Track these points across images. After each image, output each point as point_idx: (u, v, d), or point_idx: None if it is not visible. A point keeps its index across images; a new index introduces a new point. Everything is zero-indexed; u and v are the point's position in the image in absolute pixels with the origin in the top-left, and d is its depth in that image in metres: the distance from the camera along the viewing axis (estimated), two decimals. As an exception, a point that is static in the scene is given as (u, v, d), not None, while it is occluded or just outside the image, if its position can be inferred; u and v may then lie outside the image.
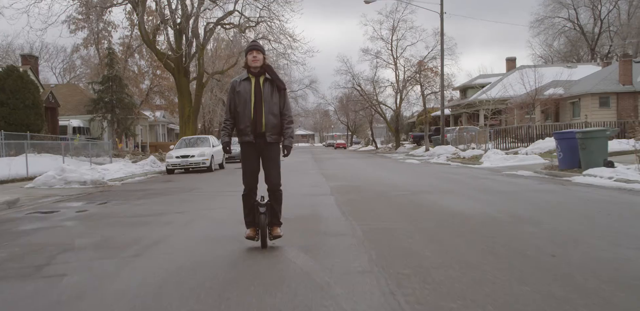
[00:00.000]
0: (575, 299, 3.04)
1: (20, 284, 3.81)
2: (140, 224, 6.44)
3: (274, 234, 4.73)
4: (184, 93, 26.72)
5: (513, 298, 3.08)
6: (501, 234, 5.12)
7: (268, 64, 4.80)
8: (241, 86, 4.70)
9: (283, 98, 4.75)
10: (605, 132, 12.47)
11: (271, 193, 4.76)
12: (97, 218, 7.21)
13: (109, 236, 5.64)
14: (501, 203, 7.58)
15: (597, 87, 26.86)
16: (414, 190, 9.79)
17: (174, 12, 26.21)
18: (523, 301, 3.01)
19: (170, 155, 17.92)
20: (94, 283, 3.72)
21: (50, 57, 56.10)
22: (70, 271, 4.11)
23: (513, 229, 5.42)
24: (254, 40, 5.52)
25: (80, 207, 8.60)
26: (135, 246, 5.01)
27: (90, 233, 5.93)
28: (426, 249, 4.49)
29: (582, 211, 6.70)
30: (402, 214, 6.65)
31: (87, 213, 7.78)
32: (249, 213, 4.73)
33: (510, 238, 4.91)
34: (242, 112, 4.65)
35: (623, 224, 5.63)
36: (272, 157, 4.73)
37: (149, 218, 7.05)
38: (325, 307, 3.01)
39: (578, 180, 11.16)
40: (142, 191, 11.32)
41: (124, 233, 5.84)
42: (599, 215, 6.29)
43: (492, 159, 18.29)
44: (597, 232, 5.15)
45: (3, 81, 22.98)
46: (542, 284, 3.35)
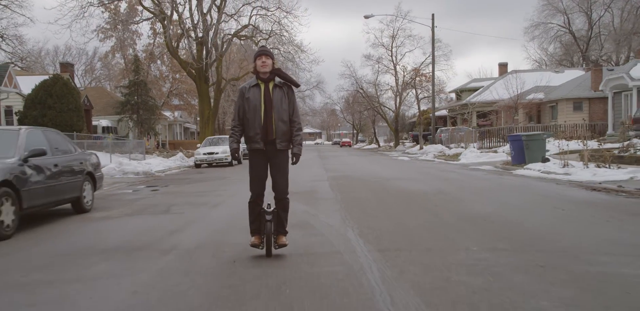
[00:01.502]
0: (440, 223, 6.77)
1: (162, 216, 7.59)
2: (202, 196, 10.23)
3: (279, 243, 4.71)
4: (204, 97, 30.57)
5: (403, 219, 6.80)
6: (421, 199, 8.84)
7: (278, 67, 4.81)
8: (250, 92, 4.69)
9: (292, 105, 4.76)
10: (543, 135, 16.14)
11: (278, 201, 4.77)
12: (171, 193, 11.02)
13: (189, 201, 9.43)
14: (441, 185, 11.28)
15: (572, 93, 30.38)
16: (389, 178, 13.51)
17: (196, 26, 30.02)
18: (410, 220, 6.75)
19: (198, 152, 21.78)
20: (200, 216, 7.48)
21: (73, 60, 60.03)
22: (185, 211, 7.89)
23: (431, 197, 9.12)
24: (263, 45, 5.04)
25: (150, 188, 12.42)
26: (208, 204, 8.79)
27: (176, 199, 9.72)
28: (373, 204, 8.24)
29: (487, 189, 10.40)
30: (370, 191, 10.37)
31: (160, 191, 11.60)
32: (254, 220, 4.74)
33: (425, 201, 8.62)
34: (251, 119, 4.65)
35: (502, 195, 9.33)
36: (280, 164, 4.75)
37: (205, 193, 10.84)
38: (314, 220, 6.74)
39: (518, 172, 14.80)
40: (186, 179, 15.15)
41: (196, 199, 9.63)
42: (493, 191, 9.99)
43: (468, 157, 21.94)
44: (481, 198, 8.85)
45: (51, 87, 26.90)
46: (424, 217, 7.08)
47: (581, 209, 7.37)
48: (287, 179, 4.81)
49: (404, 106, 45.84)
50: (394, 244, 5.14)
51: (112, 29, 35.88)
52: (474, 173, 15.28)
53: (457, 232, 5.72)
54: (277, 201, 4.77)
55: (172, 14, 29.80)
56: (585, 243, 5.02)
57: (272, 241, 4.69)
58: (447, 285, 3.69)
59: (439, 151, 27.49)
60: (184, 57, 32.97)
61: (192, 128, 55.38)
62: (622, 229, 5.78)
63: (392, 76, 41.39)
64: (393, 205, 8.14)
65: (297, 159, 4.75)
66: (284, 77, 4.75)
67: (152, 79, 39.68)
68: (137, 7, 34.04)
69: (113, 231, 6.52)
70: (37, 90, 26.69)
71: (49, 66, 53.79)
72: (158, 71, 40.77)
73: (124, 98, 36.15)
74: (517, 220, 6.49)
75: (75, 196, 7.77)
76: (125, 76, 38.80)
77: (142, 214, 7.85)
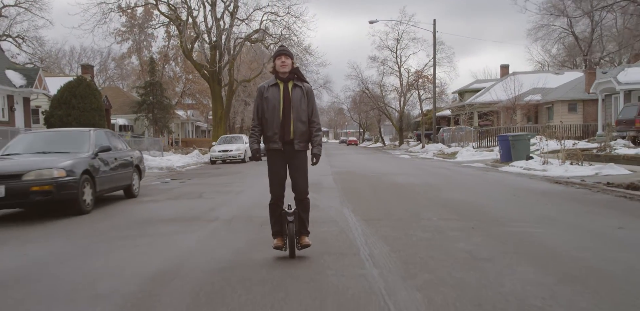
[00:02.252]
0: (416, 205, 8.72)
1: (198, 200, 9.59)
2: (225, 186, 12.22)
3: (302, 244, 4.75)
4: (217, 98, 32.63)
5: (388, 202, 8.76)
6: (408, 189, 10.78)
7: (297, 67, 4.81)
8: (269, 91, 4.70)
9: (312, 105, 4.77)
10: (527, 136, 18.06)
11: (299, 201, 4.84)
12: (198, 184, 13.04)
13: (215, 190, 11.43)
14: (429, 179, 13.21)
15: (567, 95, 32.14)
16: (386, 173, 15.46)
17: (210, 31, 32.05)
18: (393, 203, 8.70)
19: (214, 150, 23.84)
20: (228, 200, 9.48)
21: (88, 60, 62.33)
22: (215, 197, 9.90)
23: (417, 188, 11.04)
24: (282, 45, 5.47)
25: (177, 181, 14.44)
26: (232, 192, 10.78)
27: (204, 188, 11.73)
28: (367, 192, 10.19)
29: (467, 182, 12.33)
30: (367, 183, 12.32)
31: (187, 183, 13.62)
32: (276, 222, 4.80)
33: (410, 190, 10.56)
34: (270, 118, 4.68)
35: (476, 187, 11.25)
36: (299, 165, 4.78)
37: (227, 184, 12.83)
38: (318, 202, 8.70)
39: (503, 169, 16.69)
40: (206, 173, 17.18)
41: (221, 188, 11.62)
42: (472, 183, 11.92)
43: (464, 155, 23.83)
44: (458, 188, 10.78)
45: (75, 88, 29.01)
46: (405, 201, 9.04)
47: (533, 196, 9.29)
48: (306, 179, 4.85)
49: (408, 105, 47.76)
50: (375, 216, 7.10)
51: (129, 32, 38.05)
52: (463, 169, 17.19)
53: (425, 210, 7.67)
54: (297, 201, 4.86)
55: (187, 19, 31.83)
56: (515, 217, 6.95)
57: (295, 243, 4.72)
58: (404, 237, 5.64)
59: (439, 150, 29.38)
60: (197, 59, 35.02)
61: (202, 126, 57.57)
62: (553, 209, 7.69)
63: (397, 77, 43.29)
64: (383, 193, 10.10)
65: (318, 160, 4.81)
66: (300, 77, 4.81)
67: (167, 80, 41.83)
68: (153, 11, 36.20)
69: (164, 209, 8.53)
70: (62, 91, 28.80)
71: (66, 66, 56.11)
72: (172, 72, 42.89)
73: (140, 98, 38.31)
74: (476, 203, 8.44)
75: (127, 184, 9.80)
76: (140, 77, 40.97)
77: (181, 199, 9.87)
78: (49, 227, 6.92)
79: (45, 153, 8.17)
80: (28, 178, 7.13)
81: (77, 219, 7.47)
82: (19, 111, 26.15)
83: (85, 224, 7.09)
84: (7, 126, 24.09)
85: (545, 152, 18.59)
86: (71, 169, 7.58)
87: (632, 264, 4.39)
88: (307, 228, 4.89)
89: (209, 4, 32.04)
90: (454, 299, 3.50)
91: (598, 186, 10.59)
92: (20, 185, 7.05)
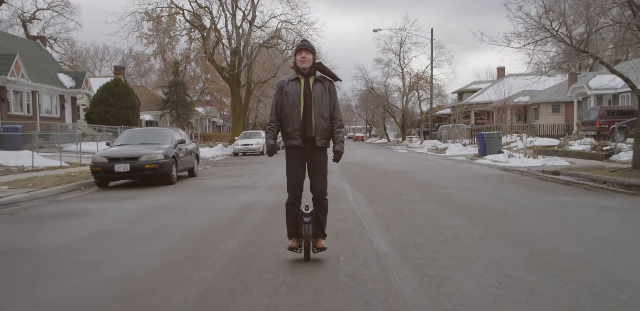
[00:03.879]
0: (391, 181, 12.94)
1: (241, 178, 13.85)
2: (256, 170, 16.45)
3: (318, 246, 4.65)
4: (235, 97, 36.90)
5: (374, 180, 12.98)
6: (391, 173, 14.97)
7: (319, 62, 4.71)
8: (289, 86, 4.62)
9: (334, 100, 4.67)
10: (498, 134, 22.17)
11: (316, 202, 4.75)
12: (233, 169, 17.28)
13: (250, 172, 15.66)
14: (412, 167, 17.35)
15: (551, 97, 36.10)
16: (380, 163, 19.63)
17: (231, 37, 36.28)
18: (377, 180, 12.92)
19: (237, 143, 28.16)
20: (262, 178, 13.72)
21: (110, 58, 66.78)
22: (252, 177, 14.15)
23: (399, 173, 15.21)
24: (304, 39, 5.11)
25: (215, 168, 18.70)
26: (264, 174, 15.01)
27: (240, 172, 15.96)
28: (362, 175, 14.41)
29: (439, 169, 16.49)
30: (363, 170, 16.49)
31: (225, 168, 17.86)
32: (292, 222, 4.70)
33: (393, 174, 14.75)
34: (290, 114, 4.59)
35: (443, 172, 15.42)
36: (319, 163, 4.70)
37: (256, 170, 17.05)
38: (326, 179, 12.93)
39: (477, 161, 20.80)
40: (235, 162, 21.44)
41: (254, 172, 15.85)
42: (441, 170, 16.08)
43: (452, 150, 27.92)
44: (428, 173, 14.96)
45: (112, 88, 33.42)
46: (385, 179, 13.25)
47: (477, 177, 13.43)
48: (326, 179, 4.74)
49: (411, 103, 51.88)
50: (361, 185, 11.29)
51: (154, 35, 42.38)
52: (445, 161, 21.33)
53: (395, 184, 11.84)
54: (315, 202, 4.75)
55: (210, 26, 36.07)
56: (450, 186, 11.11)
57: (310, 245, 4.61)
58: (375, 194, 9.80)
59: (433, 146, 33.48)
60: (217, 61, 39.29)
61: (218, 122, 62.02)
62: (480, 184, 11.81)
63: (400, 78, 47.46)
64: (372, 175, 14.29)
65: (340, 157, 4.71)
66: (324, 71, 4.69)
67: (188, 79, 46.17)
68: (176, 17, 40.44)
69: (222, 182, 12.76)
70: (101, 90, 33.23)
71: (90, 64, 60.60)
72: (193, 72, 47.24)
73: (165, 96, 42.69)
74: (432, 180, 12.61)
75: (192, 166, 14.07)
76: (164, 76, 45.34)
77: (229, 177, 14.12)
78: (158, 190, 11.17)
79: (145, 144, 12.42)
80: (142, 159, 11.41)
81: (170, 187, 11.73)
82: (68, 109, 30.55)
83: (178, 189, 11.34)
84: (58, 121, 28.50)
85: (521, 148, 22.73)
86: (166, 154, 11.84)
87: (502, 207, 8.54)
88: (324, 230, 4.76)
89: (229, 13, 36.25)
90: (389, 210, 7.67)
91: (532, 173, 14.70)
92: (138, 164, 11.33)
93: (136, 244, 5.72)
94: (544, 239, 5.55)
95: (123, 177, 11.66)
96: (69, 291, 4.02)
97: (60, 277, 4.42)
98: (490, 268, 4.41)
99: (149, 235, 6.22)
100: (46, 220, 7.55)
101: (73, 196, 10.42)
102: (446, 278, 4.11)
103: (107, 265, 4.79)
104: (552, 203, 8.61)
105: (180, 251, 5.30)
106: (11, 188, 10.64)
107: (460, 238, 5.66)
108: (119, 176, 11.48)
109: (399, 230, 6.18)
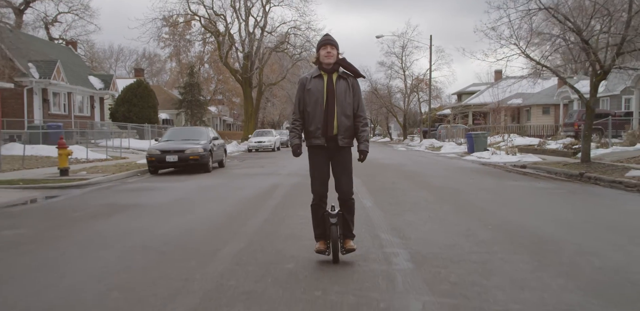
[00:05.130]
0: (385, 172, 16.14)
1: (263, 168, 17.08)
2: (274, 163, 19.65)
3: (346, 248, 4.60)
4: (247, 98, 40.12)
5: (370, 171, 16.20)
6: (386, 166, 18.15)
7: (343, 57, 4.64)
8: (312, 83, 4.58)
9: (357, 98, 4.63)
10: (485, 134, 25.32)
11: (342, 202, 4.72)
12: (253, 162, 20.50)
13: (269, 164, 18.87)
14: (405, 162, 20.52)
15: (542, 100, 39.14)
16: (378, 158, 22.78)
17: (244, 42, 39.49)
18: (373, 171, 16.14)
19: (251, 140, 31.42)
20: (280, 168, 16.89)
21: (125, 58, 70.16)
22: (272, 167, 17.38)
23: (393, 166, 18.38)
24: (327, 34, 4.87)
25: (237, 160, 21.94)
26: (280, 165, 18.19)
27: (260, 163, 19.17)
28: (361, 167, 17.57)
29: (428, 163, 19.68)
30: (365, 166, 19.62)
31: (246, 161, 21.08)
32: (318, 224, 4.65)
33: (388, 167, 17.92)
34: (312, 112, 4.57)
35: (430, 165, 18.61)
36: (343, 163, 4.66)
37: (273, 162, 20.23)
38: (332, 170, 16.14)
39: (465, 157, 23.91)
40: (252, 157, 24.67)
41: (272, 163, 19.06)
42: (429, 164, 19.26)
43: (446, 148, 31.06)
44: (418, 166, 18.14)
45: (135, 89, 36.73)
46: (380, 170, 16.46)
47: (457, 169, 16.58)
48: (351, 178, 4.73)
49: (413, 104, 55.04)
50: (361, 174, 14.37)
51: (170, 39, 45.61)
52: (436, 157, 24.50)
53: (389, 174, 15.02)
54: (341, 202, 4.73)
55: (225, 32, 39.30)
56: (431, 174, 14.26)
57: (338, 247, 4.58)
58: (371, 180, 12.94)
59: (430, 144, 36.60)
60: (231, 64, 42.53)
61: (228, 120, 65.36)
62: (455, 173, 14.94)
63: (402, 81, 50.66)
64: (370, 168, 17.42)
65: (365, 157, 4.71)
66: (347, 67, 4.64)
67: (201, 80, 49.47)
68: (191, 21, 43.64)
69: (249, 171, 15.95)
70: (125, 91, 36.54)
71: (106, 65, 63.97)
72: (206, 73, 50.52)
73: (181, 97, 45.99)
74: (418, 171, 15.77)
75: (221, 159, 17.28)
76: (179, 77, 48.62)
77: (252, 167, 17.32)
78: (200, 176, 14.35)
79: (187, 140, 15.62)
80: (187, 151, 14.64)
81: (208, 174, 14.91)
82: (97, 108, 33.88)
83: (215, 175, 14.55)
84: (89, 119, 31.84)
85: (510, 147, 25.82)
86: (204, 148, 15.07)
87: (459, 187, 11.68)
88: (352, 231, 4.72)
89: (242, 20, 39.46)
90: (378, 188, 10.82)
91: (504, 166, 17.84)
92: (184, 155, 14.55)
93: (210, 203, 8.93)
94: (476, 204, 8.71)
95: (172, 166, 14.88)
96: (184, 222, 7.17)
97: (174, 216, 7.61)
98: (431, 212, 7.58)
99: (216, 199, 9.44)
100: (137, 192, 10.79)
101: (137, 180, 13.66)
102: (399, 214, 7.30)
103: (199, 211, 8.01)
104: (499, 185, 11.79)
105: (240, 207, 8.49)
106: (88, 173, 13.89)
107: (418, 201, 8.84)
108: (169, 164, 14.72)
109: (381, 197, 9.38)
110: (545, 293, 3.80)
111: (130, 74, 72.69)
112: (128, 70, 72.31)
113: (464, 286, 3.98)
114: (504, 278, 4.22)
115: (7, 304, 3.77)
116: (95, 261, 4.95)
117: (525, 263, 4.65)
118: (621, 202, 8.93)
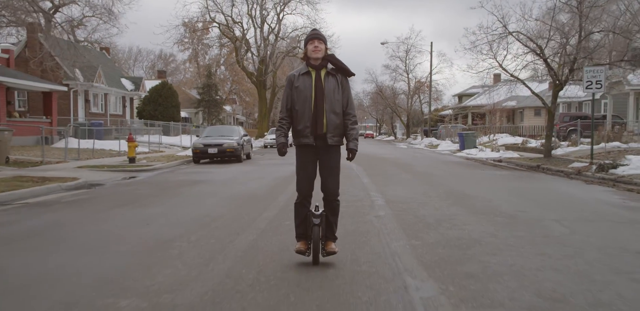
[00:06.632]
0: (383, 164, 20.06)
1: (282, 159, 21.03)
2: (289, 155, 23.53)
3: (327, 250, 4.60)
4: (262, 99, 44.08)
5: (372, 163, 20.12)
6: (386, 160, 22.04)
7: (332, 53, 4.60)
8: (300, 80, 4.55)
9: (347, 95, 4.58)
10: (474, 134, 29.15)
11: (327, 203, 4.70)
12: (273, 155, 24.40)
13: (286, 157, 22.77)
14: (402, 157, 24.37)
15: (534, 102, 42.73)
16: (380, 154, 26.68)
17: (259, 47, 43.46)
18: (374, 163, 20.05)
19: (266, 138, 35.37)
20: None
21: (142, 58, 74.31)
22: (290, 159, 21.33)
23: (392, 159, 22.24)
24: (315, 29, 4.77)
25: (259, 155, 25.88)
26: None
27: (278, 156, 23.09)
28: (366, 160, 21.54)
29: (421, 158, 23.56)
30: (366, 158, 23.50)
31: (266, 155, 25.01)
32: (300, 224, 4.64)
33: (387, 160, 21.80)
34: (301, 110, 4.55)
35: (423, 159, 22.49)
36: (331, 162, 4.66)
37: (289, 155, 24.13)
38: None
39: (456, 154, 27.73)
40: (270, 152, 28.59)
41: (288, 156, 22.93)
42: (423, 159, 23.15)
43: (443, 146, 34.86)
44: (412, 160, 22.02)
45: (160, 90, 40.77)
46: (380, 162, 20.36)
47: (443, 162, 20.42)
48: (338, 179, 4.70)
49: (416, 105, 58.89)
50: (364, 165, 18.30)
51: (189, 42, 49.64)
52: (431, 154, 28.36)
53: (387, 165, 18.89)
54: (326, 203, 4.72)
55: (243, 38, 43.28)
56: (420, 165, 18.13)
57: (319, 248, 4.58)
58: (372, 169, 16.79)
59: (429, 142, 40.41)
60: (246, 67, 46.51)
61: (241, 119, 69.45)
62: (438, 165, 18.78)
63: (406, 83, 54.51)
64: (372, 161, 21.34)
65: (354, 156, 4.66)
66: (336, 64, 4.58)
67: (217, 81, 53.51)
68: (209, 26, 47.61)
69: (271, 161, 19.85)
70: (151, 92, 40.59)
71: (125, 66, 68.13)
72: (222, 75, 54.57)
73: (199, 96, 50.05)
74: (411, 163, 19.64)
75: (249, 152, 21.25)
76: (197, 79, 52.67)
77: (274, 160, 21.21)
78: (235, 165, 18.24)
79: (222, 136, 19.56)
80: (225, 145, 18.59)
81: (241, 164, 18.80)
82: (128, 108, 37.96)
83: (247, 164, 18.45)
84: (121, 118, 35.88)
85: (500, 145, 29.61)
86: (237, 143, 19.02)
87: (436, 173, 15.55)
88: (334, 233, 4.69)
89: (257, 26, 43.40)
90: (375, 173, 14.69)
91: (483, 160, 21.66)
92: (222, 148, 18.51)
93: (254, 181, 12.85)
94: (439, 181, 12.58)
95: (212, 157, 18.83)
96: (245, 188, 11.06)
97: (236, 186, 11.54)
98: (406, 185, 11.47)
99: (257, 178, 13.38)
100: (196, 174, 14.74)
101: (187, 167, 17.60)
102: (385, 185, 11.20)
103: (250, 184, 11.95)
104: (467, 172, 15.66)
105: (278, 182, 12.41)
106: (147, 162, 17.86)
107: (403, 181, 12.74)
108: (210, 155, 18.68)
109: (375, 177, 13.28)
110: (445, 211, 7.76)
111: (149, 75, 77.13)
112: (145, 70, 76.50)
113: (407, 210, 7.91)
114: (430, 207, 8.18)
115: (166, 216, 7.70)
116: (208, 204, 8.88)
117: (445, 203, 8.61)
118: (543, 182, 12.80)
